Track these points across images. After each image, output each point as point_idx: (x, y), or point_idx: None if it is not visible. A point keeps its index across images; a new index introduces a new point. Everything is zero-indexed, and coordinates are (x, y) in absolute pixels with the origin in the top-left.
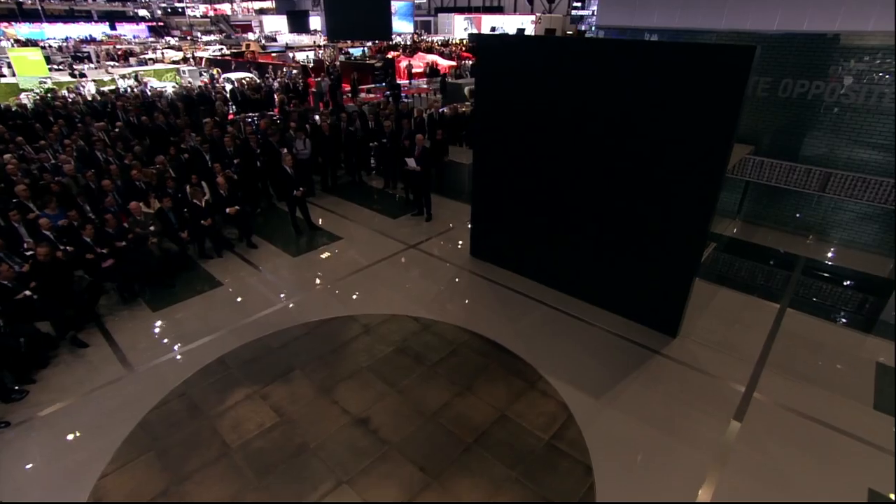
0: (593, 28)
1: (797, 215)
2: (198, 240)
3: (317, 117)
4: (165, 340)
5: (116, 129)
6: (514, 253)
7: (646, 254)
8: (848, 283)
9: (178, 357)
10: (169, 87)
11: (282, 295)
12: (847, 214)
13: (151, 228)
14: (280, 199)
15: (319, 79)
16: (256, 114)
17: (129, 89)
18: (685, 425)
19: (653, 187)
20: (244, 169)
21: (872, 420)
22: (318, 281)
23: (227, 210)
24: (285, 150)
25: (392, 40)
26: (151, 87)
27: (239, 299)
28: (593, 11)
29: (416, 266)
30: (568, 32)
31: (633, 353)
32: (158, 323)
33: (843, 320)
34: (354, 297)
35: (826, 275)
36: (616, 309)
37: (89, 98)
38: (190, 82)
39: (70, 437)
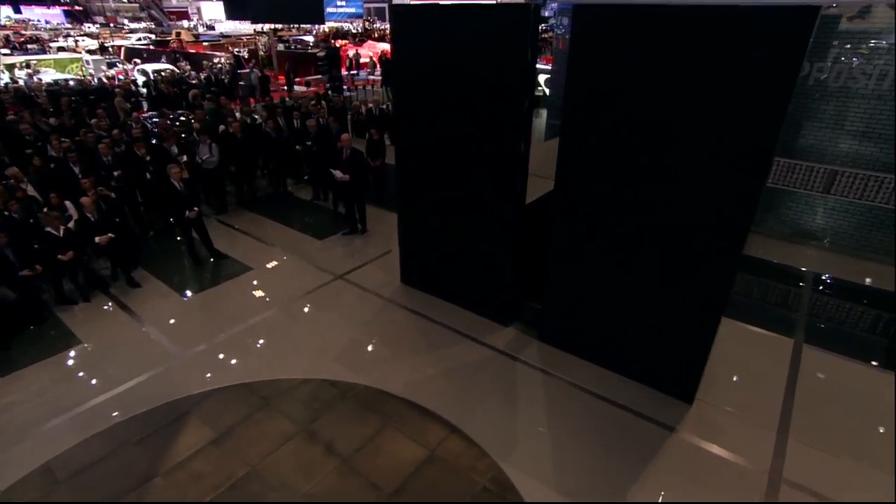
0: (556, 14)
1: (798, 221)
2: (53, 280)
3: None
4: None
5: None
6: (456, 280)
7: (650, 287)
8: (866, 305)
9: None
10: (45, 78)
11: (159, 355)
12: (856, 219)
13: None
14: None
15: (248, 70)
16: (154, 112)
17: (9, 82)
18: None
19: (659, 196)
20: (128, 183)
21: None
22: (210, 332)
23: (97, 239)
24: (185, 159)
25: (324, 23)
26: (39, 78)
27: (99, 365)
28: None
29: (340, 304)
30: None
31: (635, 431)
32: None
33: (869, 356)
34: (255, 353)
35: (840, 295)
36: (607, 362)
37: None
38: (91, 74)
39: None
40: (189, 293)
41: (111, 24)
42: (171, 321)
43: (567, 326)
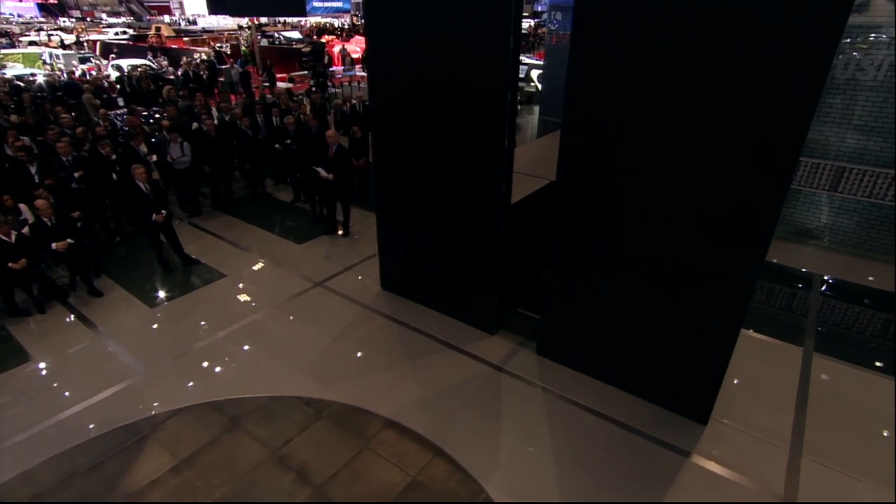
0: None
1: (802, 220)
2: (3, 290)
3: (215, 112)
4: None
5: None
6: (439, 286)
7: (661, 297)
8: (877, 308)
9: None
10: (9, 73)
11: (120, 371)
12: (862, 217)
13: None
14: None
15: (228, 65)
16: (124, 109)
17: None
18: None
19: (672, 197)
20: (92, 185)
21: None
22: (177, 345)
23: (54, 245)
24: (154, 158)
25: (306, 17)
26: (2, 73)
27: (51, 384)
28: None
29: (319, 313)
30: (524, 14)
31: (644, 455)
32: None
33: (880, 363)
34: (225, 369)
35: (848, 298)
36: (613, 379)
37: None
38: (61, 69)
39: None
40: (156, 303)
41: (88, 18)
42: (135, 333)
43: (568, 339)
